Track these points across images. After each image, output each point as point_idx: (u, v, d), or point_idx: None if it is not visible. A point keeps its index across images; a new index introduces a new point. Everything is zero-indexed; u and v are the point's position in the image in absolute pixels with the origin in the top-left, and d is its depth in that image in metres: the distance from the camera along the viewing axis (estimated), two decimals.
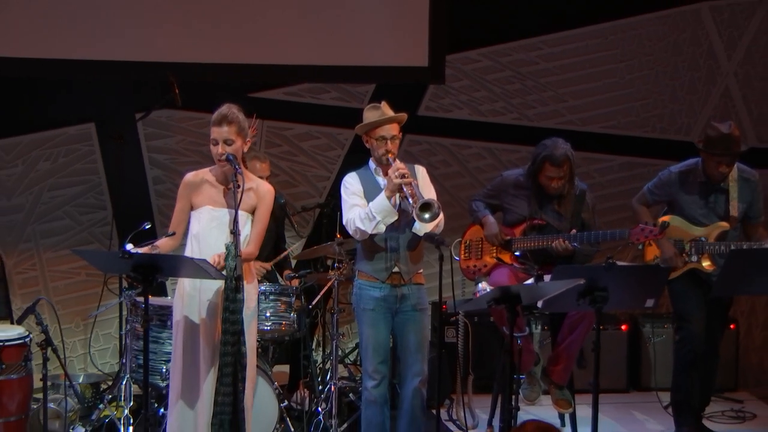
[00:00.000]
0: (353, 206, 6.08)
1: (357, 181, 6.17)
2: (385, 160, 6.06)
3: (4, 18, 7.56)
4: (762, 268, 5.94)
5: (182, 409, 5.69)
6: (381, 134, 6.05)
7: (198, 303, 5.67)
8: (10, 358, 6.28)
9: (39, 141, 7.99)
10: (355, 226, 6.03)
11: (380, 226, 6.00)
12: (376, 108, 6.11)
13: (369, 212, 5.98)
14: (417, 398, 6.24)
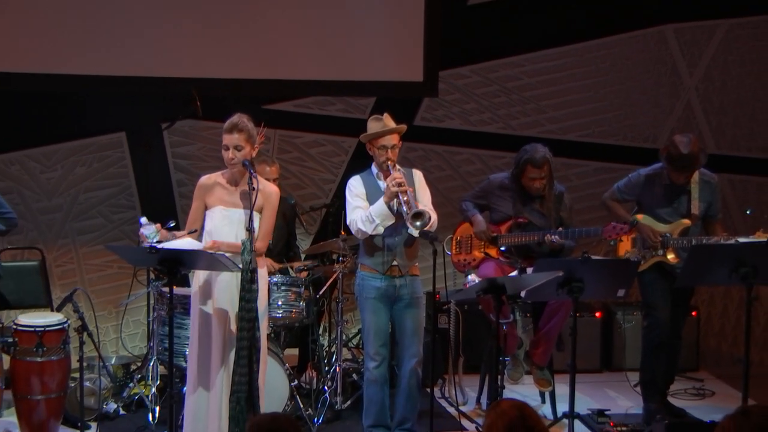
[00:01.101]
0: (356, 208, 6.12)
1: (360, 184, 6.19)
2: (386, 167, 6.09)
3: (47, 38, 7.55)
4: (720, 262, 5.98)
5: (197, 389, 5.70)
6: (383, 143, 6.09)
7: (212, 293, 5.67)
8: (51, 342, 6.29)
9: (76, 148, 7.98)
10: (357, 227, 6.09)
11: (379, 228, 6.06)
12: (379, 119, 6.16)
13: (369, 215, 6.03)
14: (413, 378, 6.25)
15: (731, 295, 8.46)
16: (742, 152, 8.57)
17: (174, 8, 7.69)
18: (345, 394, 6.94)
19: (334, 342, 7.21)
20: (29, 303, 7.20)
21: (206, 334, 5.67)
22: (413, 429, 6.31)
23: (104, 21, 7.58)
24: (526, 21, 8.28)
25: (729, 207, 8.25)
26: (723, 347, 8.52)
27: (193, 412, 5.69)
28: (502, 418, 3.67)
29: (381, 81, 8.07)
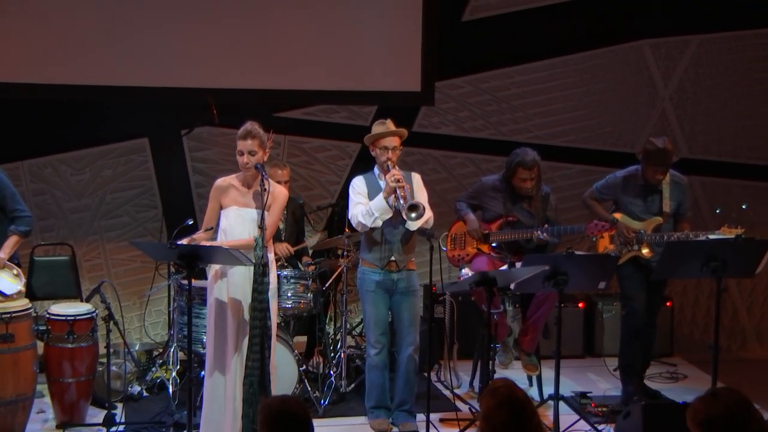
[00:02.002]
0: (357, 204, 6.17)
1: (363, 183, 6.23)
2: (386, 167, 6.13)
3: (78, 52, 7.55)
4: (692, 257, 6.01)
5: (214, 373, 5.70)
6: (384, 144, 6.14)
7: (227, 285, 5.67)
8: (80, 330, 6.31)
9: (103, 153, 7.97)
10: (358, 220, 6.13)
11: (377, 221, 6.08)
12: (382, 123, 6.24)
13: (369, 209, 6.07)
14: (411, 363, 6.26)
15: (702, 287, 8.46)
16: (712, 156, 8.57)
17: (192, 24, 7.68)
18: (349, 378, 6.94)
19: (339, 330, 7.20)
20: (61, 294, 7.22)
21: (222, 323, 5.67)
22: (411, 410, 6.32)
23: (129, 36, 7.58)
24: (516, 36, 8.28)
25: (700, 206, 8.27)
26: (695, 335, 8.52)
27: (211, 394, 5.70)
28: (494, 396, 3.69)
29: (382, 91, 8.07)
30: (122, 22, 7.56)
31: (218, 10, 7.68)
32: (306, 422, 3.82)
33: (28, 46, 7.45)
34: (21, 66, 7.46)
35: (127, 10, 7.56)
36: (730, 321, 8.55)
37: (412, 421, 6.28)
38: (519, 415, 3.62)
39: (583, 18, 8.30)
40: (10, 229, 6.18)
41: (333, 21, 7.86)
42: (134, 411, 6.56)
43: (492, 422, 3.62)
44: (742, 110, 8.55)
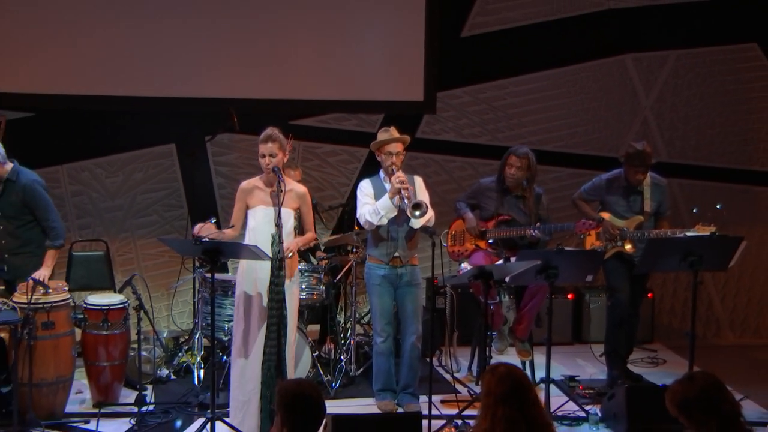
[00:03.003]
0: (365, 204, 6.18)
1: (369, 185, 6.22)
2: (391, 170, 6.11)
3: (112, 66, 7.55)
4: (671, 252, 6.02)
5: (241, 356, 5.69)
6: (388, 150, 6.13)
7: (253, 279, 5.67)
8: (114, 318, 6.34)
9: (134, 157, 7.97)
10: (365, 218, 6.13)
11: (383, 219, 6.09)
12: (386, 131, 6.24)
13: (375, 209, 6.07)
14: (414, 350, 6.27)
15: (680, 279, 8.44)
16: (689, 161, 8.55)
17: (215, 41, 7.68)
18: (358, 363, 6.95)
19: (348, 319, 7.20)
20: (96, 286, 7.24)
21: (248, 312, 5.68)
22: (415, 392, 6.32)
23: (159, 52, 7.59)
24: (510, 51, 8.27)
25: (678, 206, 8.25)
26: (673, 323, 8.51)
27: (239, 375, 5.71)
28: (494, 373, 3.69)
29: (388, 100, 8.07)
30: (152, 39, 7.57)
31: (238, 29, 7.68)
32: (319, 403, 3.83)
33: (67, 60, 7.46)
34: (61, 79, 7.47)
35: (157, 30, 7.57)
36: (705, 311, 8.55)
37: (415, 402, 6.28)
38: (517, 388, 3.63)
39: (571, 34, 8.30)
40: (46, 244, 6.17)
41: (343, 38, 7.86)
42: (162, 392, 6.57)
43: (493, 395, 3.62)
44: (716, 118, 8.54)
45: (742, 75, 8.51)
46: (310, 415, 3.80)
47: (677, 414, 3.68)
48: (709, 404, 3.59)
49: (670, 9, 8.35)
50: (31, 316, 5.73)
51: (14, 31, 7.34)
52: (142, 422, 6.00)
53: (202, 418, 5.83)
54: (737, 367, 7.35)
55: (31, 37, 7.37)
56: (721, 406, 3.60)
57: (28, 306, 5.74)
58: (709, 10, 8.37)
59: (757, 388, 6.70)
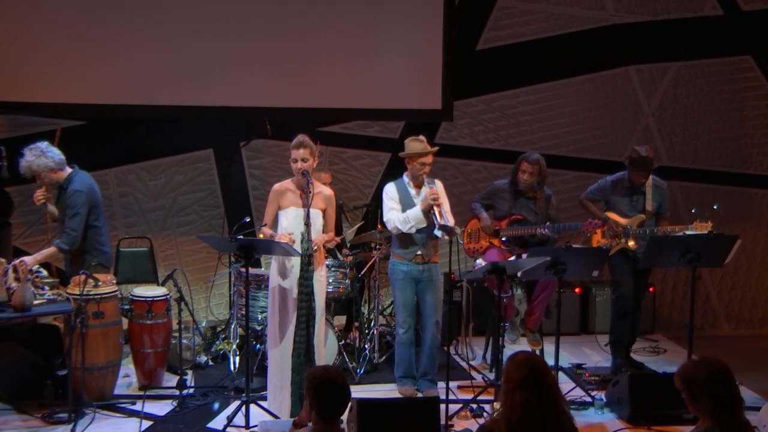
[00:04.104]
0: (391, 209, 6.12)
1: (394, 190, 6.19)
2: (421, 179, 6.09)
3: (155, 78, 7.57)
4: (672, 250, 5.99)
5: (276, 347, 5.71)
6: (422, 161, 6.10)
7: (286, 275, 5.67)
8: (157, 309, 6.37)
9: (175, 161, 8.01)
10: (394, 225, 6.09)
11: (412, 228, 6.06)
12: (419, 141, 6.14)
13: (406, 218, 6.03)
14: (434, 341, 6.26)
15: (680, 275, 8.40)
16: (688, 164, 8.51)
17: (249, 56, 7.69)
18: (381, 351, 6.94)
19: (372, 311, 7.20)
20: (141, 279, 7.28)
21: (281, 305, 5.69)
22: (434, 379, 6.31)
23: (197, 65, 7.61)
24: (522, 63, 8.25)
25: (678, 206, 8.21)
26: (673, 315, 8.46)
27: (275, 362, 5.73)
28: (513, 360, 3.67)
29: (409, 109, 8.05)
30: (193, 54, 7.59)
31: (271, 45, 7.68)
32: (345, 388, 3.84)
33: (115, 73, 7.49)
34: (109, 90, 7.51)
35: (197, 45, 7.58)
36: (703, 304, 8.50)
37: (434, 388, 6.27)
38: (535, 373, 3.58)
39: (578, 48, 8.27)
40: (53, 241, 6.11)
41: (367, 52, 7.85)
42: (201, 377, 6.59)
43: (512, 380, 3.59)
44: (713, 125, 8.49)
45: (737, 85, 8.47)
46: (337, 399, 3.80)
47: (680, 386, 3.67)
48: (711, 385, 3.58)
49: (670, 24, 8.32)
50: (83, 306, 5.76)
51: (69, 48, 7.40)
52: (183, 404, 6.03)
53: (237, 401, 5.85)
54: (732, 355, 7.18)
55: (83, 53, 7.42)
56: (721, 390, 3.58)
57: (81, 297, 5.78)
58: (707, 25, 8.34)
59: (751, 375, 6.65)
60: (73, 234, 5.99)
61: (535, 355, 3.81)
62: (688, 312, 6.15)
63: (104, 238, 6.21)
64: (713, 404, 3.56)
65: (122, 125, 7.78)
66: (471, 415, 5.88)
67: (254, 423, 5.49)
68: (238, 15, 7.62)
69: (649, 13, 8.31)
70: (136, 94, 7.54)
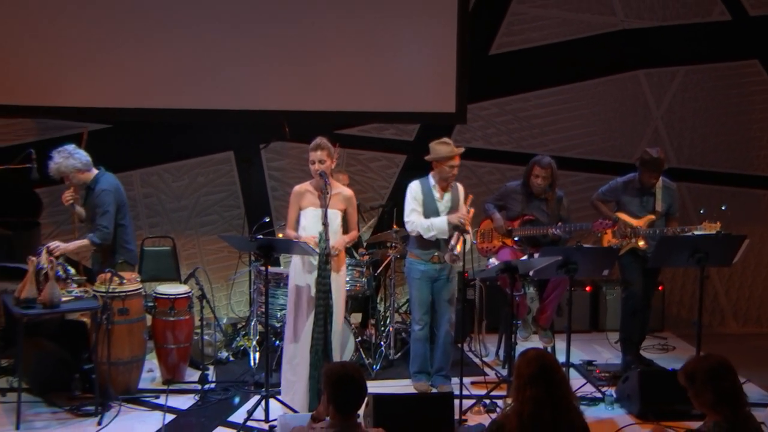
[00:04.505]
0: (413, 210, 6.11)
1: (419, 190, 6.15)
2: (449, 182, 6.08)
3: (177, 82, 7.60)
4: (681, 249, 5.99)
5: (292, 342, 5.74)
6: (451, 164, 6.05)
7: (304, 274, 5.69)
8: (180, 306, 6.41)
9: (197, 163, 8.04)
10: (415, 228, 6.09)
11: (433, 237, 6.05)
12: (445, 143, 6.10)
13: (430, 226, 6.04)
14: (448, 338, 6.26)
15: (689, 274, 8.35)
16: (696, 166, 8.46)
17: (268, 61, 7.71)
18: (396, 348, 6.95)
19: (388, 308, 7.21)
20: (164, 277, 7.31)
21: (299, 302, 5.71)
22: (448, 374, 6.31)
23: (219, 69, 7.64)
24: (534, 67, 8.23)
25: (687, 207, 8.17)
26: (682, 313, 8.42)
27: (290, 358, 5.75)
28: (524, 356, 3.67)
29: (423, 112, 8.05)
30: (214, 59, 7.62)
31: (290, 50, 7.68)
32: (361, 383, 3.84)
33: (140, 78, 7.53)
34: (134, 94, 7.55)
35: (218, 51, 7.60)
36: (711, 302, 8.45)
37: (448, 383, 6.27)
38: (545, 369, 3.58)
39: (588, 52, 8.24)
40: (86, 234, 6.15)
41: (383, 57, 7.86)
42: (222, 372, 6.63)
43: (523, 376, 3.59)
44: (721, 128, 8.45)
45: (744, 89, 8.42)
46: (354, 394, 3.81)
47: (684, 381, 3.67)
48: (711, 378, 3.58)
49: (678, 29, 8.28)
50: (109, 303, 5.81)
51: (95, 53, 7.44)
52: (204, 398, 6.06)
53: (257, 396, 5.88)
54: (740, 353, 7.18)
55: (110, 59, 7.46)
56: (721, 383, 3.58)
57: (106, 294, 5.82)
58: (715, 29, 8.29)
59: (758, 372, 6.63)
60: (105, 231, 6.07)
61: (546, 352, 3.80)
62: (697, 310, 6.14)
63: (130, 236, 6.28)
64: (716, 398, 3.57)
65: (147, 128, 7.81)
66: (484, 410, 5.88)
67: (273, 417, 5.52)
68: (259, 23, 7.63)
69: (658, 18, 8.28)
70: (160, 98, 7.58)
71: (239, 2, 7.62)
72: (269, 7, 7.66)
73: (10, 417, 5.59)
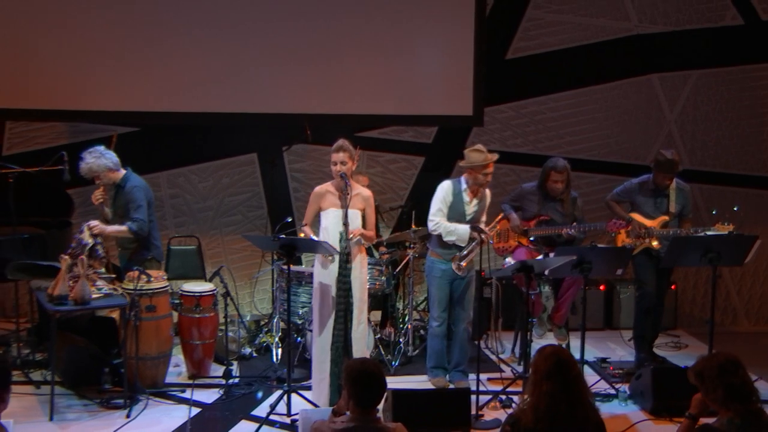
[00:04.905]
0: (439, 210, 6.11)
1: (450, 192, 6.14)
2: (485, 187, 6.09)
3: (203, 87, 7.64)
4: (693, 249, 5.98)
5: (319, 337, 5.74)
6: (485, 171, 6.02)
7: (328, 271, 5.69)
8: (205, 303, 6.43)
9: (221, 165, 8.08)
10: (438, 228, 6.08)
11: (452, 241, 6.05)
12: (479, 151, 6.05)
13: (454, 230, 6.02)
14: (465, 334, 6.27)
15: (701, 273, 8.31)
16: (708, 168, 8.41)
17: (291, 66, 7.72)
18: (414, 345, 6.95)
19: (406, 306, 7.21)
20: (190, 275, 7.33)
21: (324, 300, 5.73)
22: (465, 370, 6.31)
23: (242, 73, 7.67)
24: (549, 71, 8.21)
25: (699, 207, 8.12)
26: (694, 312, 8.37)
27: (318, 353, 5.77)
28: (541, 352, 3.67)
29: (441, 115, 8.04)
30: (238, 64, 7.65)
31: (312, 55, 7.69)
32: (380, 379, 3.85)
33: (167, 82, 7.58)
34: (162, 98, 7.60)
35: (242, 56, 7.64)
36: (723, 301, 8.40)
37: (465, 379, 6.27)
38: (562, 365, 3.58)
39: (603, 56, 8.21)
40: (126, 222, 6.20)
41: (402, 61, 7.86)
42: (246, 367, 6.65)
43: (540, 371, 3.59)
44: (733, 130, 8.39)
45: (756, 92, 8.36)
46: (373, 389, 3.82)
47: (694, 380, 3.67)
48: (721, 375, 3.57)
49: (692, 33, 8.24)
50: (137, 300, 5.85)
51: (124, 60, 7.49)
52: (229, 393, 6.09)
53: (279, 391, 5.91)
54: (752, 351, 7.18)
55: (137, 65, 7.52)
56: (730, 380, 3.57)
57: (134, 292, 5.87)
58: (727, 34, 8.24)
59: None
60: (142, 222, 6.17)
61: (563, 349, 3.80)
62: (709, 309, 6.11)
63: (157, 234, 6.39)
64: (727, 394, 3.56)
65: (173, 131, 7.87)
66: (500, 405, 5.88)
67: (295, 411, 5.54)
68: (282, 30, 7.65)
69: (671, 23, 8.24)
70: (186, 102, 7.62)
71: (264, 9, 7.64)
72: (293, 14, 7.67)
73: (45, 408, 5.67)
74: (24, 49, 7.40)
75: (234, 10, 7.63)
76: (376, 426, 3.78)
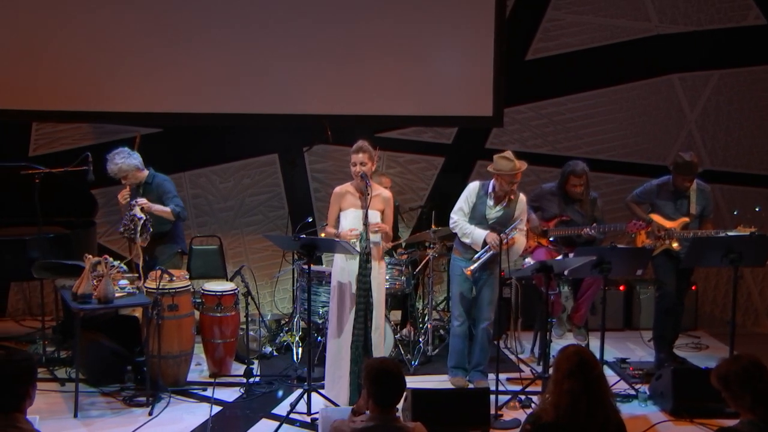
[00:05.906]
0: (460, 209, 6.11)
1: (475, 194, 6.11)
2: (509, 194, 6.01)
3: (225, 88, 7.66)
4: (714, 250, 5.93)
5: (336, 339, 5.74)
6: (512, 180, 5.96)
7: (347, 271, 5.69)
8: (226, 303, 6.45)
9: (243, 165, 8.10)
10: (456, 227, 6.08)
11: (468, 242, 6.03)
12: (507, 159, 5.96)
13: (469, 234, 6.01)
14: (486, 335, 6.23)
15: (722, 273, 8.24)
16: (729, 168, 8.35)
17: (311, 67, 7.73)
18: (434, 344, 6.93)
19: (426, 306, 7.19)
20: (211, 275, 7.36)
21: (342, 299, 5.73)
22: (485, 370, 6.29)
23: (264, 75, 7.69)
24: (568, 72, 8.18)
25: (720, 208, 8.05)
26: (715, 312, 8.30)
27: (334, 354, 5.76)
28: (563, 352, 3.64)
29: (461, 116, 8.02)
30: (259, 65, 7.67)
31: (333, 57, 7.70)
32: (400, 378, 3.84)
33: (189, 84, 7.60)
34: (184, 99, 7.63)
35: (264, 58, 7.65)
36: (744, 302, 8.32)
37: (484, 379, 6.25)
38: (584, 364, 3.55)
39: (623, 57, 8.17)
40: (170, 205, 6.37)
41: (423, 62, 7.85)
42: (267, 366, 6.66)
43: (561, 370, 3.56)
44: (755, 130, 8.32)
45: None
46: (393, 388, 3.81)
47: (718, 385, 3.61)
48: (747, 381, 3.52)
49: (712, 34, 8.17)
50: (159, 299, 5.88)
51: (148, 63, 7.54)
52: (249, 391, 6.11)
53: (300, 390, 5.91)
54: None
55: (160, 67, 7.56)
56: (757, 384, 3.52)
57: (157, 291, 5.90)
58: (747, 34, 8.17)
59: None
60: (181, 208, 6.40)
61: (585, 348, 3.77)
62: (730, 309, 6.05)
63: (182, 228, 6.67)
64: (752, 399, 3.51)
65: (195, 132, 7.91)
66: (519, 405, 5.85)
67: (315, 410, 5.54)
68: (303, 32, 7.66)
69: (692, 23, 8.17)
70: (207, 103, 7.66)
71: (285, 11, 7.66)
72: (314, 16, 7.68)
73: (69, 405, 5.71)
74: (50, 53, 7.46)
75: (255, 12, 7.65)
76: (396, 425, 3.77)
